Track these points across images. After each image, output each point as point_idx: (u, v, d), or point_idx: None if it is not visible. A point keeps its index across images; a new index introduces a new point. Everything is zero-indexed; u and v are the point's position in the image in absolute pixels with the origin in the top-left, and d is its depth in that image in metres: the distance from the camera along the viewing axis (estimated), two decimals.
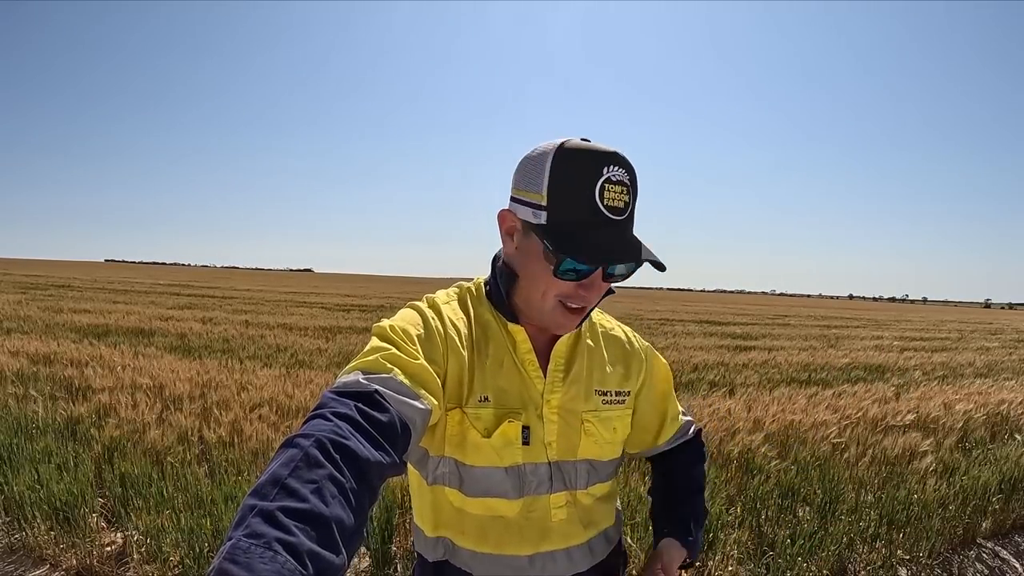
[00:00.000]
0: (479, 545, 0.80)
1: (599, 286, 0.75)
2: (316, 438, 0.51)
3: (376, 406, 0.59)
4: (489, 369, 0.80)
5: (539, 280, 0.76)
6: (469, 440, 0.77)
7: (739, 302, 60.90)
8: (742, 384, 6.32)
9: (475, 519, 0.80)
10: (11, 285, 20.28)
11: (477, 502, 0.79)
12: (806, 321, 22.33)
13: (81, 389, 4.50)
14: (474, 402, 0.78)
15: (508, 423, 0.78)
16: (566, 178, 0.70)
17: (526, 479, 0.80)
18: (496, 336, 0.82)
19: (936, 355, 10.65)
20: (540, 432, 0.81)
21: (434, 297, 0.84)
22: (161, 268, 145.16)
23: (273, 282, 46.64)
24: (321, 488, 0.47)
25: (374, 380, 0.62)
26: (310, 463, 0.48)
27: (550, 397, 0.82)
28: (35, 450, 3.11)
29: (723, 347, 10.35)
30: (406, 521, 2.66)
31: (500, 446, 0.78)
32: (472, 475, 0.78)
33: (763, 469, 3.34)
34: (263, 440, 3.37)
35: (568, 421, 0.83)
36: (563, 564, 0.83)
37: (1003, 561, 2.84)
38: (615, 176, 0.70)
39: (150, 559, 2.31)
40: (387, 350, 0.67)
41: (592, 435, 0.84)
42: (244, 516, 0.43)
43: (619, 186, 0.70)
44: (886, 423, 4.45)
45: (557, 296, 0.75)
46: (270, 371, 5.53)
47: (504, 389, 0.80)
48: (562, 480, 0.82)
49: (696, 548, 0.96)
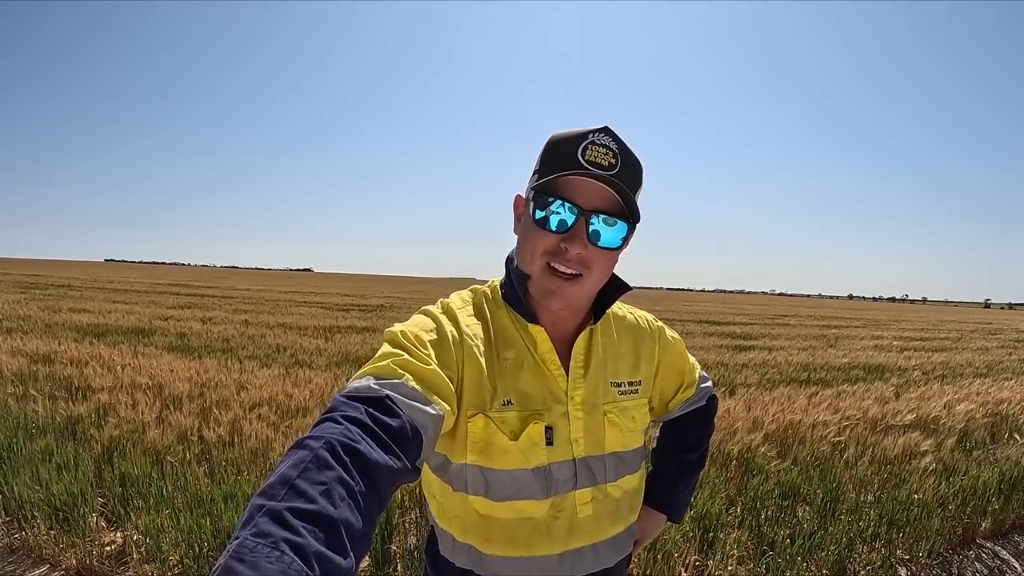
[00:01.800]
0: (508, 550, 0.79)
1: (582, 242, 0.73)
2: (326, 440, 0.51)
3: (387, 411, 0.59)
4: (510, 372, 0.80)
5: (528, 241, 0.76)
6: (496, 444, 0.77)
7: (739, 302, 60.92)
8: (742, 384, 6.32)
9: (503, 524, 0.79)
10: (11, 285, 20.27)
11: (505, 506, 0.78)
12: (806, 321, 22.34)
13: (81, 388, 4.50)
14: (498, 406, 0.77)
15: (533, 424, 0.78)
16: (555, 147, 0.74)
17: (552, 478, 0.80)
18: (515, 338, 0.82)
19: (936, 355, 10.65)
20: (565, 430, 0.81)
21: (448, 302, 0.84)
22: (161, 268, 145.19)
23: (273, 282, 46.64)
24: (330, 490, 0.47)
25: (385, 385, 0.62)
26: (320, 465, 0.48)
27: (574, 394, 0.82)
28: (35, 450, 3.11)
29: (723, 347, 10.35)
30: (406, 521, 2.66)
31: (526, 448, 0.77)
32: (499, 480, 0.78)
33: (763, 469, 3.34)
34: (262, 440, 3.37)
35: (592, 416, 0.83)
36: (590, 560, 0.83)
37: (1003, 561, 2.84)
38: (598, 140, 0.72)
39: (150, 559, 2.30)
40: (399, 355, 0.67)
41: (616, 425, 0.85)
42: (252, 515, 0.43)
43: (602, 147, 0.72)
44: (886, 423, 4.45)
45: (543, 255, 0.75)
46: (269, 371, 5.52)
47: (527, 391, 0.80)
48: (588, 476, 0.82)
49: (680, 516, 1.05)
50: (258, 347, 7.50)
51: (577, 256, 0.73)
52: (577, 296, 0.77)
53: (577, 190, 0.72)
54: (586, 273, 0.75)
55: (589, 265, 0.75)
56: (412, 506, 2.73)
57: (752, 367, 7.76)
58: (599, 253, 0.74)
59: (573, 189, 0.72)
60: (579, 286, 0.75)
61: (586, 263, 0.74)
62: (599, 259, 0.75)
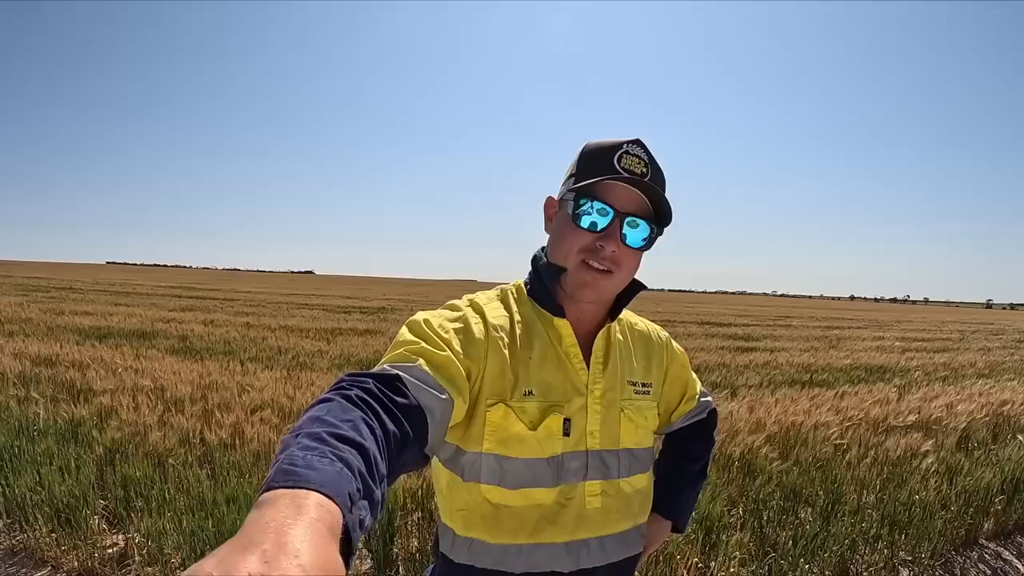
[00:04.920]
0: (516, 536, 0.81)
1: (616, 241, 0.79)
2: (344, 394, 0.53)
3: (395, 390, 0.60)
4: (533, 364, 0.82)
5: (565, 239, 0.82)
6: (514, 433, 0.79)
7: (741, 303, 60.87)
8: (744, 385, 6.32)
9: (513, 512, 0.81)
10: (13, 287, 20.31)
11: (517, 494, 0.80)
12: (808, 322, 22.31)
13: (83, 391, 4.50)
14: (519, 396, 0.80)
15: (552, 416, 0.81)
16: (592, 154, 0.81)
17: (563, 467, 0.82)
18: (540, 332, 0.85)
19: (938, 356, 10.64)
20: (583, 423, 0.83)
21: (474, 297, 0.88)
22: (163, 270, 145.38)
23: (274, 284, 46.68)
24: (357, 425, 0.49)
25: (396, 367, 0.64)
26: (344, 408, 0.51)
27: (594, 387, 0.85)
28: (37, 452, 3.11)
29: (725, 348, 10.34)
30: (408, 523, 2.66)
31: (544, 438, 0.80)
32: (515, 468, 0.80)
33: (765, 470, 3.34)
34: (264, 442, 3.37)
35: (610, 411, 0.86)
36: (596, 553, 0.84)
37: (1005, 562, 2.83)
38: (632, 151, 0.79)
39: (152, 561, 2.31)
40: (415, 344, 0.70)
41: (632, 421, 0.88)
42: (288, 443, 0.44)
43: (636, 157, 0.79)
44: (888, 424, 4.44)
45: (579, 252, 0.81)
46: (271, 373, 5.53)
47: (549, 383, 0.82)
48: (600, 469, 0.84)
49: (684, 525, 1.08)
50: (260, 349, 7.51)
51: (611, 254, 0.79)
52: (608, 289, 0.83)
53: (613, 195, 0.79)
54: (616, 270, 0.81)
55: (619, 263, 0.81)
56: (414, 508, 2.73)
57: (754, 368, 7.76)
58: (628, 252, 0.81)
59: (610, 193, 0.79)
60: (611, 280, 0.82)
61: (617, 261, 0.80)
62: (627, 258, 0.81)
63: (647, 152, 0.80)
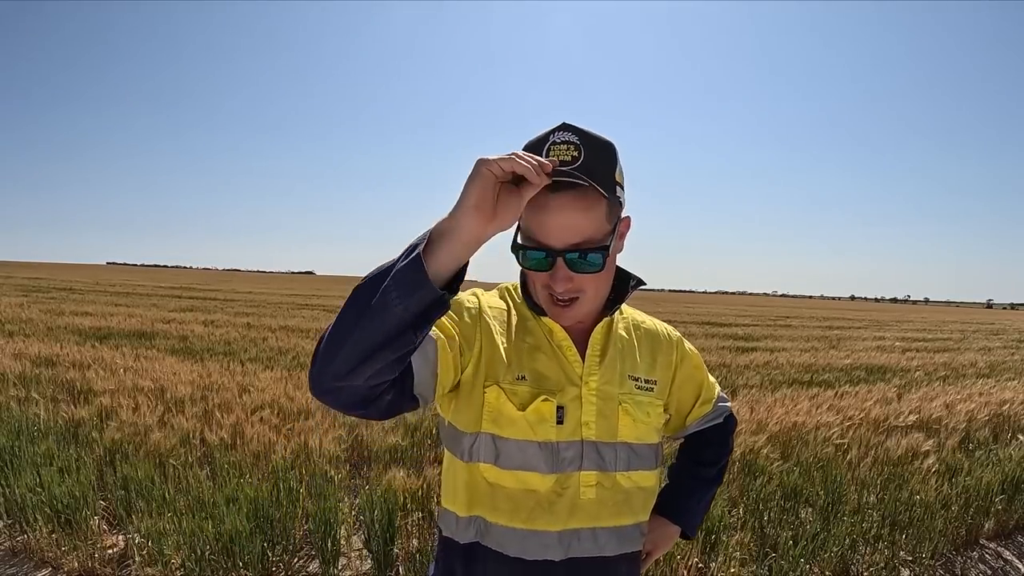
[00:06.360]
0: (511, 520, 0.82)
1: (566, 278, 0.78)
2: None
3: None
4: (527, 353, 0.85)
5: (528, 273, 0.84)
6: (505, 413, 0.82)
7: (741, 303, 60.87)
8: (744, 385, 6.31)
9: (508, 493, 0.82)
10: (13, 288, 20.32)
11: (511, 475, 0.82)
12: (808, 322, 22.31)
13: (83, 392, 4.50)
14: (511, 379, 0.83)
15: (542, 401, 0.82)
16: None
17: (559, 455, 0.83)
18: (534, 327, 0.88)
19: (938, 355, 10.63)
20: (577, 413, 0.84)
21: (474, 290, 0.92)
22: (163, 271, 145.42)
23: (275, 284, 46.70)
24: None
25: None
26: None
27: (589, 379, 0.86)
28: (37, 453, 3.11)
29: (725, 348, 10.32)
30: (408, 523, 2.65)
31: (534, 421, 0.82)
32: (508, 448, 0.82)
33: (765, 470, 3.33)
34: (264, 442, 3.37)
35: (606, 403, 0.86)
36: (588, 544, 0.85)
37: (1006, 562, 2.83)
38: (559, 139, 0.75)
39: (152, 562, 2.30)
40: None
41: (630, 415, 0.88)
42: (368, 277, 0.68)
43: (563, 144, 0.74)
44: (888, 424, 4.44)
45: (543, 288, 0.81)
46: (272, 373, 5.52)
47: (541, 372, 0.84)
48: (596, 460, 0.85)
49: (694, 530, 1.06)
50: (260, 350, 7.51)
51: (568, 289, 0.79)
52: (580, 314, 0.83)
53: (546, 231, 0.76)
54: (581, 296, 0.81)
55: (582, 288, 0.80)
56: (414, 508, 2.73)
57: (754, 368, 7.75)
58: (585, 278, 0.79)
59: (542, 231, 0.76)
60: (579, 307, 0.82)
61: (577, 289, 0.80)
62: (588, 282, 0.80)
63: (576, 131, 0.75)
